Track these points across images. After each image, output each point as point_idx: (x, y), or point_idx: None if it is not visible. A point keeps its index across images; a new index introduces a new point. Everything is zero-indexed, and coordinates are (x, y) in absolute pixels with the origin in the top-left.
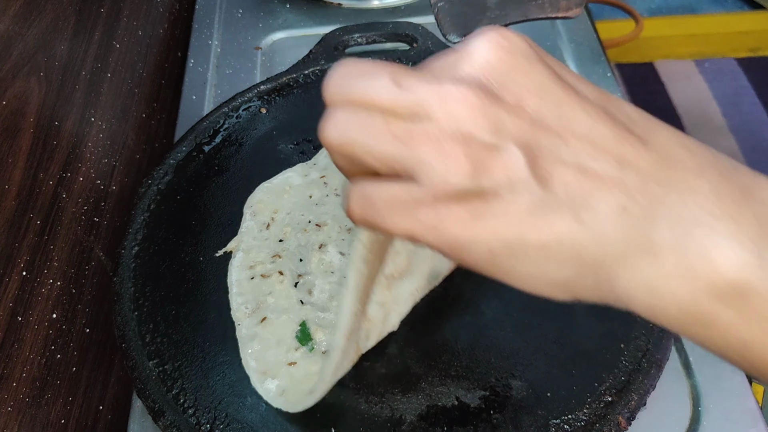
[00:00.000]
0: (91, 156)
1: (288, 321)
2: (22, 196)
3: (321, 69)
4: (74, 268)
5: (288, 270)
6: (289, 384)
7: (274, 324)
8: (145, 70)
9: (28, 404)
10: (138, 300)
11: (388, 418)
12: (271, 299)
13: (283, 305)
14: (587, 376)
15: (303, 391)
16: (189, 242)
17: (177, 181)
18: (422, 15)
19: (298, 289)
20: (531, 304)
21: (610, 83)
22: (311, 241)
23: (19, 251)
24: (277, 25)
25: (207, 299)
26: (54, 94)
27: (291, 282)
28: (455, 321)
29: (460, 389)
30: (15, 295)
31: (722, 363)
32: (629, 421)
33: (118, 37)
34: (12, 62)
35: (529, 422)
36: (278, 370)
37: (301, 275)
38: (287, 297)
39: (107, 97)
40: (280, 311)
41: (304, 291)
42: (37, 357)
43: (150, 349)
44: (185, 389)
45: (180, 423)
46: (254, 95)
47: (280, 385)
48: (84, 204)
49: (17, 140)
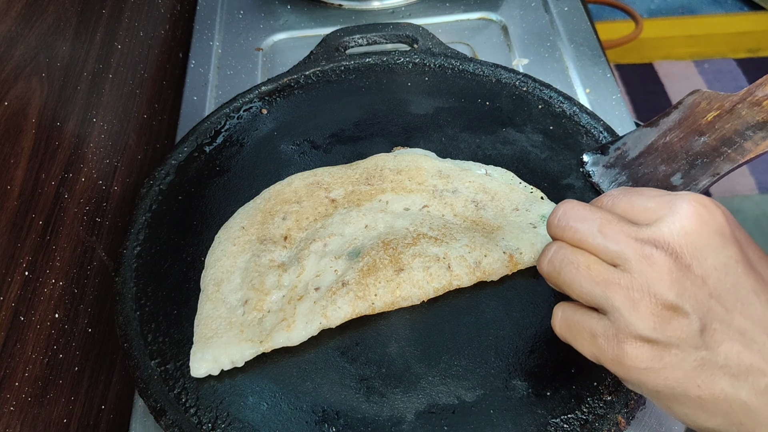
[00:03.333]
0: (92, 156)
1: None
2: (24, 196)
3: (322, 70)
4: (76, 268)
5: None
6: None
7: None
8: (147, 71)
9: (30, 403)
10: (140, 300)
11: (388, 417)
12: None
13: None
14: (587, 375)
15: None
16: (190, 242)
17: (178, 181)
18: (423, 16)
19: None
20: (531, 304)
21: (610, 84)
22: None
23: (22, 251)
24: (278, 26)
25: None
26: (56, 95)
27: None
28: (455, 321)
29: (461, 389)
30: (17, 295)
31: None
32: (629, 420)
33: (120, 38)
34: (14, 63)
35: (529, 422)
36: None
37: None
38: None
39: (109, 98)
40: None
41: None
42: (39, 356)
43: (152, 349)
44: (187, 389)
45: (182, 422)
46: (255, 96)
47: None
48: (86, 204)
49: (19, 141)
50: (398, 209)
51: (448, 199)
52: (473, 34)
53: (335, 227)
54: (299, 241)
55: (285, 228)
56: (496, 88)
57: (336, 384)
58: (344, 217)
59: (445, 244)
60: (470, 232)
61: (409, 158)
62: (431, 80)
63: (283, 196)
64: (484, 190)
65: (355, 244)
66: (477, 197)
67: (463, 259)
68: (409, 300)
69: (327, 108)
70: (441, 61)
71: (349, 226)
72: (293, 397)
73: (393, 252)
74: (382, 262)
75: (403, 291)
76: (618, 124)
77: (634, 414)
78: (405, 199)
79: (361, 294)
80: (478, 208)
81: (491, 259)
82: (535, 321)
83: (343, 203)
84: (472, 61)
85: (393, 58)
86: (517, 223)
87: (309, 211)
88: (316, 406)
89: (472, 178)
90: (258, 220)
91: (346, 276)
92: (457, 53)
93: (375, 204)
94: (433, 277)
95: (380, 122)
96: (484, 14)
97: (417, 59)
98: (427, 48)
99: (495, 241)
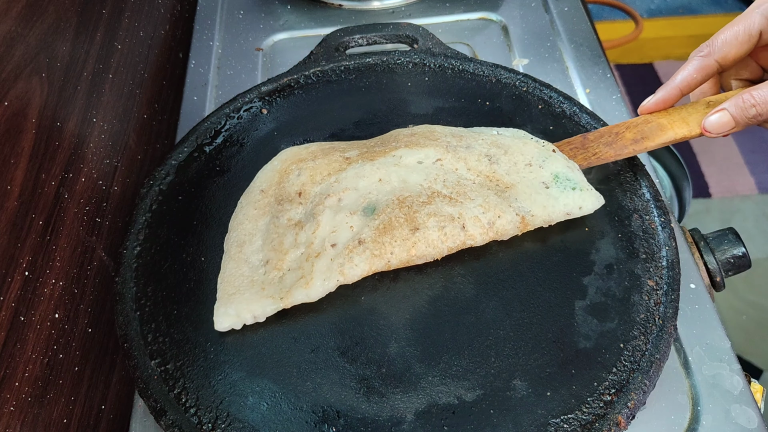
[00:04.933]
0: (92, 156)
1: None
2: (25, 196)
3: (322, 70)
4: (76, 268)
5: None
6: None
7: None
8: (147, 71)
9: (30, 403)
10: (140, 300)
11: (388, 417)
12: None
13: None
14: (587, 375)
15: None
16: (190, 242)
17: (178, 181)
18: (423, 16)
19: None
20: (531, 304)
21: (610, 84)
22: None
23: (22, 251)
24: (278, 26)
25: (209, 299)
26: (56, 95)
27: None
28: (455, 321)
29: (461, 389)
30: (17, 295)
31: (722, 363)
32: (629, 420)
33: (120, 38)
34: (14, 63)
35: (529, 422)
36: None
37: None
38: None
39: (109, 98)
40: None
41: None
42: (39, 356)
43: (152, 349)
44: (187, 389)
45: (182, 422)
46: (255, 96)
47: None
48: (86, 204)
49: (19, 141)
50: (411, 162)
51: (461, 153)
52: (473, 34)
53: (349, 181)
54: (313, 195)
55: (299, 183)
56: (496, 88)
57: (336, 384)
58: (358, 171)
59: (459, 203)
60: (484, 189)
61: (424, 126)
62: (431, 80)
63: (299, 156)
64: (497, 144)
65: (369, 199)
66: (490, 151)
67: (477, 220)
68: (424, 258)
69: (327, 108)
70: (441, 61)
71: (363, 180)
72: (293, 397)
73: (408, 210)
74: (397, 221)
75: (419, 250)
76: None
77: (635, 414)
78: (418, 153)
79: (378, 252)
80: (492, 162)
81: (504, 221)
82: (534, 321)
83: (357, 160)
84: (472, 61)
85: (393, 58)
86: (529, 181)
87: (323, 167)
88: (316, 406)
89: (484, 136)
90: (275, 181)
91: (362, 234)
92: (457, 53)
93: (388, 159)
94: (447, 236)
95: (380, 122)
96: (484, 14)
97: (417, 59)
98: (427, 48)
99: (508, 202)
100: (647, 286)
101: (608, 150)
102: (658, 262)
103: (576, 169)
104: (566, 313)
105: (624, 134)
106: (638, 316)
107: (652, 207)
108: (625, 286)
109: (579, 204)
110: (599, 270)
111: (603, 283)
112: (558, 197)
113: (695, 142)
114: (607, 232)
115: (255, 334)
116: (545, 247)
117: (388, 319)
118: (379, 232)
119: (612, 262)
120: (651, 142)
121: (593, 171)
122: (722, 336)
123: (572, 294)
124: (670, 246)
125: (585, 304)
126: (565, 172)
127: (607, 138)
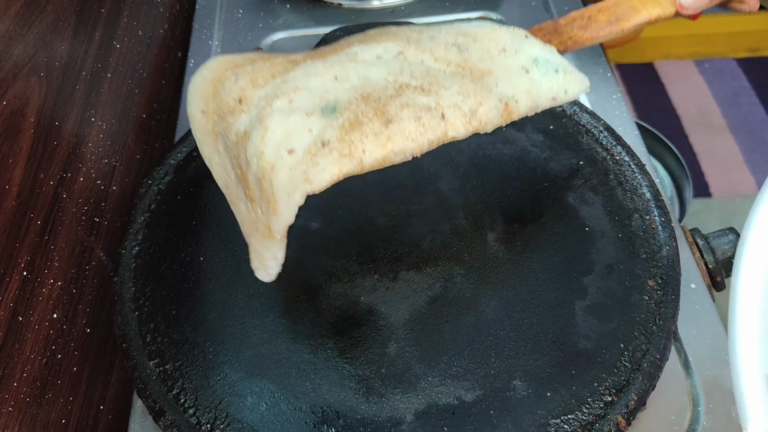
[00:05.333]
0: (91, 156)
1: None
2: (23, 196)
3: None
4: (75, 268)
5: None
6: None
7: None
8: (146, 70)
9: (28, 404)
10: (138, 300)
11: (388, 417)
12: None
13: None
14: (587, 376)
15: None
16: (189, 242)
17: (177, 181)
18: (422, 15)
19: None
20: (531, 304)
21: (610, 83)
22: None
23: (20, 251)
24: (278, 25)
25: (207, 299)
26: (54, 95)
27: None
28: (455, 321)
29: (460, 389)
30: (16, 295)
31: (722, 363)
32: (629, 421)
33: (119, 37)
34: (12, 62)
35: (529, 422)
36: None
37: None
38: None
39: (107, 97)
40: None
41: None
42: (37, 357)
43: (150, 349)
44: (186, 389)
45: (180, 423)
46: None
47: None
48: (84, 204)
49: (18, 140)
50: (370, 57)
51: (425, 44)
52: None
53: (299, 81)
54: (257, 99)
55: (238, 89)
56: None
57: (335, 384)
58: (307, 70)
59: (434, 93)
60: (458, 77)
61: (377, 28)
62: None
63: (234, 62)
64: (463, 33)
65: (327, 99)
66: (458, 40)
67: (457, 107)
68: (402, 155)
69: None
70: None
71: (315, 78)
72: (292, 398)
73: (376, 105)
74: (366, 116)
75: (395, 144)
76: (618, 124)
77: (635, 415)
78: (376, 47)
79: (347, 151)
80: (461, 51)
81: (487, 107)
82: (535, 321)
83: (305, 60)
84: None
85: None
86: (506, 66)
87: (265, 70)
88: (316, 406)
89: (447, 27)
90: (210, 94)
91: (324, 135)
92: None
93: (342, 56)
94: (426, 127)
95: None
96: (484, 13)
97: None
98: None
99: (488, 88)
100: (648, 286)
101: (584, 33)
102: (659, 262)
103: (554, 51)
104: (566, 313)
105: (597, 17)
106: (639, 316)
107: (652, 207)
108: (625, 286)
109: (564, 88)
110: (599, 270)
111: (603, 283)
112: (541, 81)
113: (695, 142)
114: (607, 232)
115: (255, 334)
116: (545, 247)
117: (388, 319)
118: (344, 130)
119: (612, 262)
120: (626, 23)
121: (593, 170)
122: (722, 336)
123: (572, 294)
124: (671, 246)
125: (585, 304)
126: (544, 55)
127: (580, 22)
